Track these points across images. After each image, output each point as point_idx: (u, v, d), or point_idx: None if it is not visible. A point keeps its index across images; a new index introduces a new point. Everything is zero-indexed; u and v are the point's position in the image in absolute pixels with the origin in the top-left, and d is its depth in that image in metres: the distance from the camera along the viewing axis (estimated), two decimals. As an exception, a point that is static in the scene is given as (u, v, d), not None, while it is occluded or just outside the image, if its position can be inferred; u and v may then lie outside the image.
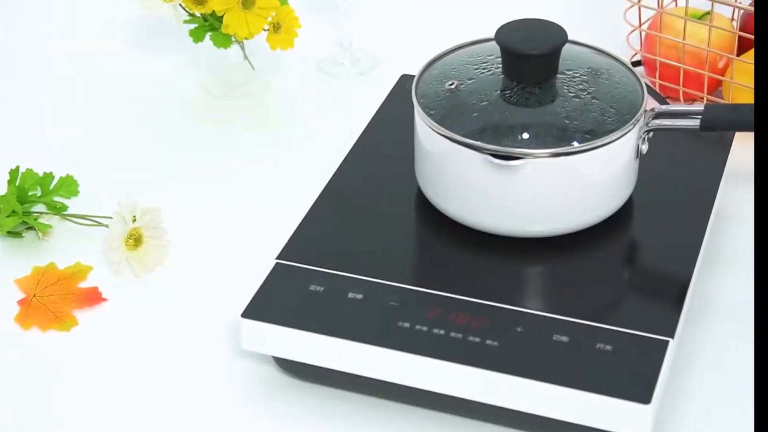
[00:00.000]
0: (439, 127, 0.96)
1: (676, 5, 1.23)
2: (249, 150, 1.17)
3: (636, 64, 1.23)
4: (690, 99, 1.20)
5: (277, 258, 0.96)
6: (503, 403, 0.88)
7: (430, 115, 0.97)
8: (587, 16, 1.32)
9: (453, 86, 0.98)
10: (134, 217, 1.03)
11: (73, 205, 1.10)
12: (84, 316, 1.00)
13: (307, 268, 0.95)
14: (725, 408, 0.92)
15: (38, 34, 1.35)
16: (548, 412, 0.87)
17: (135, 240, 1.03)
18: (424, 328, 0.90)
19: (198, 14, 1.18)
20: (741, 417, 0.91)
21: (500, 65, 0.98)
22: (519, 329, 0.90)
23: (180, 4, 1.17)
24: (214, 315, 1.00)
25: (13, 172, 1.09)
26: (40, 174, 1.10)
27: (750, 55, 1.15)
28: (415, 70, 1.02)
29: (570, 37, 1.00)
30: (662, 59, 1.18)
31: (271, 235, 1.03)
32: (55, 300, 1.01)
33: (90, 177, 1.12)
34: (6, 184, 1.08)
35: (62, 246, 1.07)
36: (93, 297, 1.01)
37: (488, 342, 0.89)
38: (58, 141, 1.19)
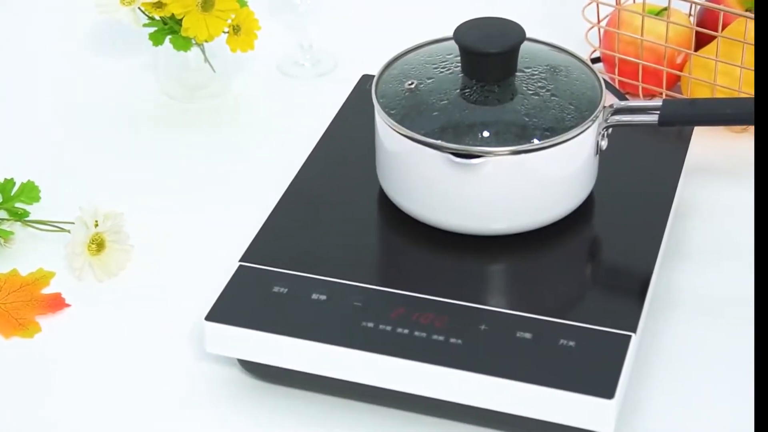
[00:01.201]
0: (400, 126, 0.96)
1: (634, 2, 1.24)
2: (210, 152, 1.17)
3: (595, 60, 1.24)
4: (649, 94, 1.20)
5: (240, 260, 0.96)
6: (467, 401, 0.88)
7: (390, 115, 0.97)
8: (546, 14, 1.33)
9: (413, 86, 0.99)
10: (96, 222, 1.02)
11: (35, 211, 1.09)
12: (47, 322, 1.00)
13: (271, 270, 0.95)
14: (689, 401, 0.92)
15: (-3, 40, 1.34)
16: (512, 408, 0.87)
17: (97, 245, 1.02)
18: (388, 328, 0.90)
19: (157, 17, 1.18)
20: (704, 410, 0.92)
21: (459, 64, 0.99)
22: (482, 327, 0.90)
23: (139, 8, 1.17)
24: (178, 318, 0.99)
25: (-26, 179, 1.08)
26: (1, 180, 1.09)
27: (707, 50, 1.16)
28: (375, 70, 1.02)
29: (529, 34, 1.00)
30: (621, 55, 1.19)
31: (233, 237, 1.03)
32: (18, 307, 1.01)
33: (51, 182, 1.12)
34: (-34, 191, 1.08)
35: (24, 252, 1.06)
36: (56, 303, 1.01)
37: (452, 340, 0.89)
38: (19, 147, 1.19)
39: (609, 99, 1.01)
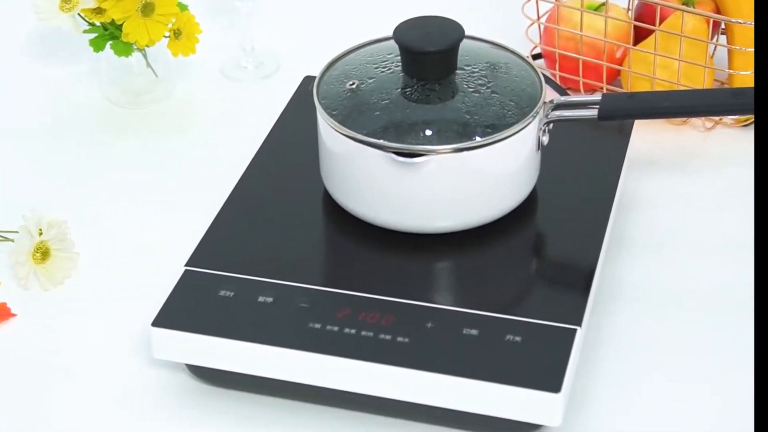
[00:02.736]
0: (342, 127, 0.96)
1: (573, -3, 1.25)
2: (155, 157, 1.17)
3: (536, 57, 1.25)
4: (590, 89, 1.21)
5: (185, 265, 0.96)
6: (416, 399, 0.88)
7: (332, 116, 0.97)
8: (486, 12, 1.33)
9: (354, 86, 0.99)
10: (40, 230, 1.02)
11: (-22, 221, 1.09)
12: (-7, 332, 0.99)
13: (217, 274, 0.95)
14: (635, 392, 0.93)
15: (-64, 49, 1.33)
16: (460, 405, 0.88)
17: (42, 253, 1.02)
18: (335, 329, 0.90)
19: (97, 23, 1.18)
20: (651, 401, 0.92)
21: (400, 63, 0.99)
22: (429, 325, 0.90)
23: (78, 14, 1.16)
24: (125, 325, 0.99)
25: None
26: (-57, 191, 1.09)
27: (646, 44, 1.17)
28: (318, 71, 1.02)
29: (469, 32, 1.01)
30: (561, 51, 1.19)
31: (179, 242, 1.03)
32: (-38, 318, 1.00)
33: (-6, 192, 1.11)
34: None
35: (-32, 263, 1.06)
36: (2, 313, 1.00)
37: (399, 339, 0.89)
38: (-39, 157, 1.18)
39: (550, 94, 1.01)
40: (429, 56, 0.97)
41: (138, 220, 1.10)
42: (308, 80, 1.16)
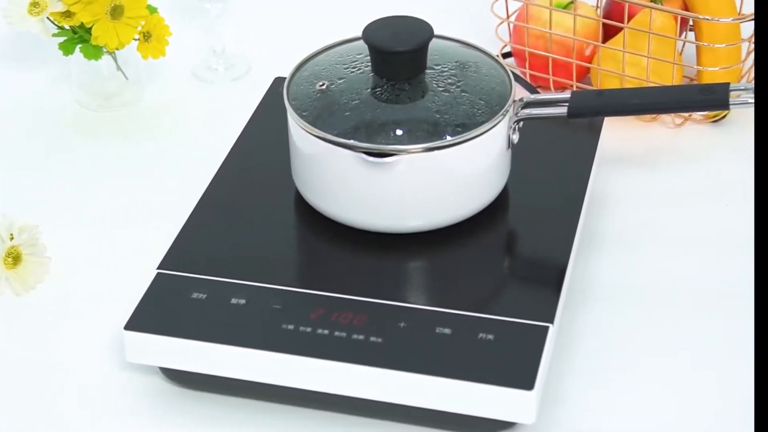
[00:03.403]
0: (312, 128, 0.97)
1: (542, -5, 1.25)
2: (126, 161, 1.17)
3: (506, 55, 1.25)
4: (560, 87, 1.22)
5: (158, 268, 0.96)
6: (390, 398, 0.89)
7: (302, 117, 0.97)
8: (456, 11, 1.34)
9: (324, 87, 0.99)
10: (11, 235, 1.02)
11: (-51, 227, 1.08)
12: (-35, 338, 0.99)
13: (189, 277, 0.95)
14: (609, 389, 0.94)
15: None
16: (434, 404, 0.88)
17: (14, 258, 1.02)
18: (308, 329, 0.90)
19: (66, 27, 1.17)
20: (624, 398, 0.93)
21: (369, 63, 0.99)
22: (402, 324, 0.91)
23: (47, 18, 1.16)
24: (98, 329, 0.99)
25: None
26: None
27: (615, 42, 1.18)
28: (288, 73, 1.02)
29: (440, 32, 1.01)
30: (531, 50, 1.20)
31: (151, 245, 1.03)
32: (-66, 324, 1.00)
33: (-36, 197, 1.11)
34: None
35: (-61, 269, 1.05)
36: (-27, 318, 1.00)
37: (372, 339, 0.90)
38: (-70, 162, 1.18)
39: (520, 93, 1.02)
40: (398, 56, 0.97)
41: (109, 224, 1.09)
42: (279, 81, 1.16)
